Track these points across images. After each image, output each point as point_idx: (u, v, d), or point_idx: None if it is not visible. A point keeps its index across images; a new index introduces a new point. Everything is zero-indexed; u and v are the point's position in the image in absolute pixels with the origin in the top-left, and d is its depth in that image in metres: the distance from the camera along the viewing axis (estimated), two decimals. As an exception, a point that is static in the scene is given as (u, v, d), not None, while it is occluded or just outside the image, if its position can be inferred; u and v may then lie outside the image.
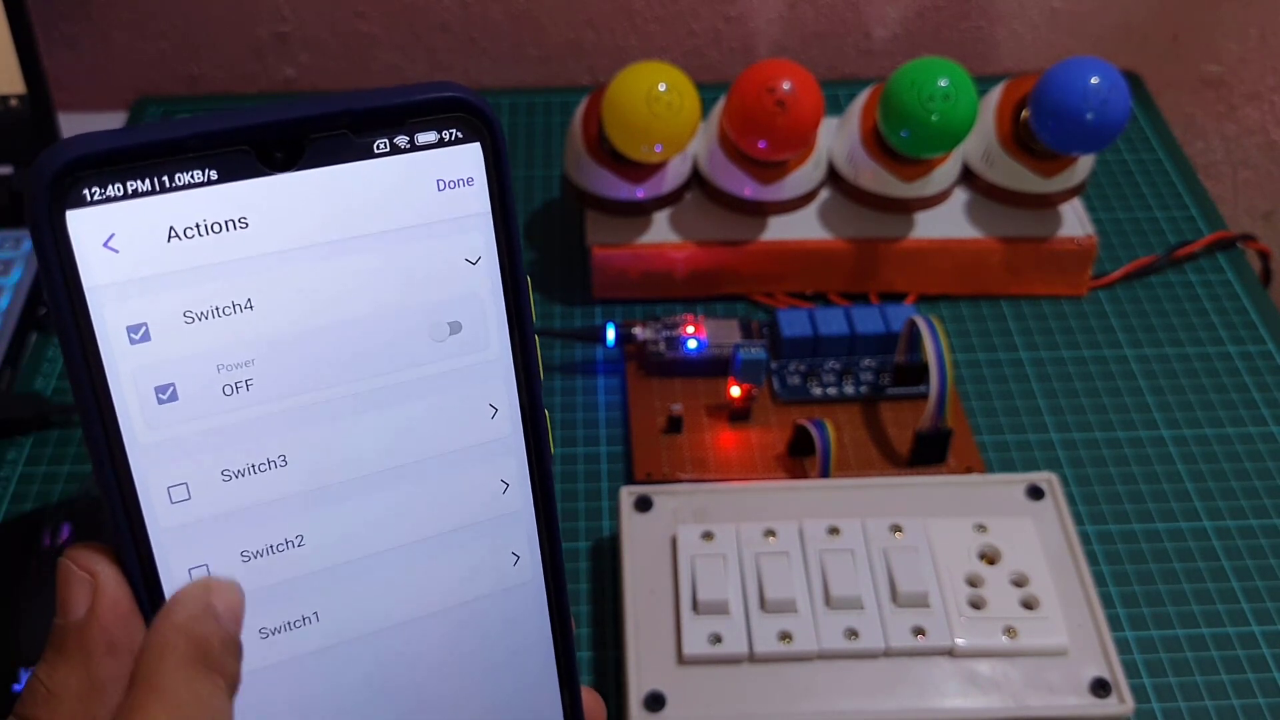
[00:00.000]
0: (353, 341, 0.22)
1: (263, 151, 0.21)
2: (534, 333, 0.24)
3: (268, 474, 0.22)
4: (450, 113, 0.22)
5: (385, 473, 0.23)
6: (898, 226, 0.57)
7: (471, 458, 0.24)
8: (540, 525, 0.25)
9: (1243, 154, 0.78)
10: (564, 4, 0.70)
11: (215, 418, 0.22)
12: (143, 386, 0.21)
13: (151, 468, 0.21)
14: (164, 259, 0.20)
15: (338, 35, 0.71)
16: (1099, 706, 0.40)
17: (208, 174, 0.20)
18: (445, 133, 0.22)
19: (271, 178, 0.21)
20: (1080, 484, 0.50)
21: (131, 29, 0.71)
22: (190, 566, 0.22)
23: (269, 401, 0.22)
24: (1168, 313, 0.57)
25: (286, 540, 0.23)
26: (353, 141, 0.21)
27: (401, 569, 0.24)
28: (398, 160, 0.22)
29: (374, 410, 0.23)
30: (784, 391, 0.52)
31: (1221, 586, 0.46)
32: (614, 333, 0.53)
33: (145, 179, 0.20)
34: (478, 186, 0.22)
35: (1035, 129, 0.53)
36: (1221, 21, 0.73)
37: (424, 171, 0.22)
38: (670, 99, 0.51)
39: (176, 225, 0.20)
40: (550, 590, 0.26)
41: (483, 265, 0.23)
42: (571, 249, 0.60)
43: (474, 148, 0.22)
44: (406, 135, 0.22)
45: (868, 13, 0.72)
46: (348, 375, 0.22)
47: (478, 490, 0.25)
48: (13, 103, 0.59)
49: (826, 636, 0.41)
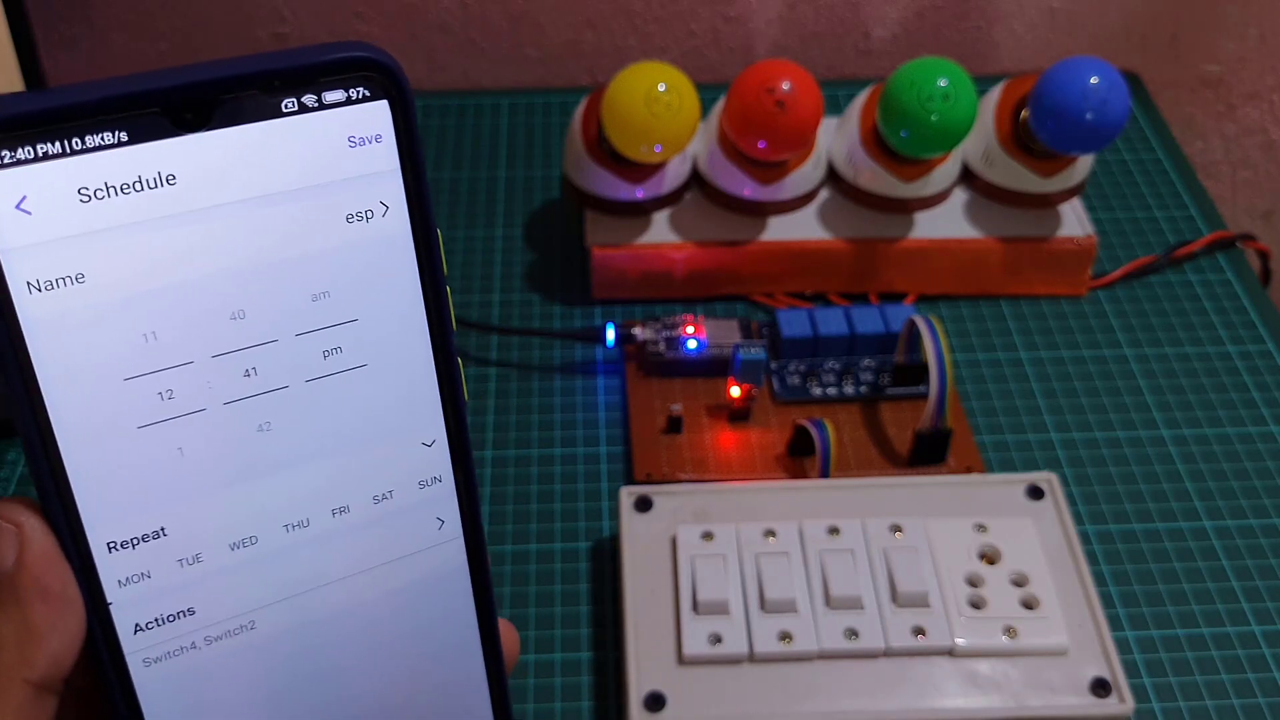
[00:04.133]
0: (268, 296, 0.23)
1: (173, 113, 0.21)
2: (445, 283, 0.24)
3: (186, 427, 0.23)
4: (358, 71, 0.22)
5: (301, 437, 0.24)
6: (897, 226, 0.57)
7: (390, 419, 0.25)
8: (458, 483, 0.26)
9: (1242, 154, 0.78)
10: (563, 4, 0.70)
11: (131, 372, 0.22)
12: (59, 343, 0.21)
13: (69, 419, 0.22)
14: (78, 220, 0.21)
15: (337, 36, 0.71)
16: (1099, 706, 0.40)
17: (119, 135, 0.20)
18: (353, 91, 0.22)
19: (182, 138, 0.21)
20: (1080, 484, 0.50)
21: (131, 30, 0.71)
22: (110, 512, 0.23)
23: (184, 358, 0.22)
24: (1167, 313, 0.57)
25: (206, 498, 0.23)
26: (262, 101, 0.21)
27: (322, 539, 0.25)
28: (307, 118, 0.22)
29: (286, 368, 0.23)
30: (784, 391, 0.52)
31: (1221, 586, 0.46)
32: (614, 333, 0.53)
33: (56, 142, 0.20)
34: (386, 143, 0.23)
35: (1035, 129, 0.53)
36: (1220, 21, 0.73)
37: (334, 129, 0.22)
38: (669, 99, 0.51)
39: (89, 186, 0.20)
40: (469, 541, 0.26)
41: (393, 218, 0.23)
42: (571, 249, 0.60)
43: (381, 105, 0.22)
44: (315, 94, 0.22)
45: (867, 13, 0.72)
46: (264, 331, 0.23)
47: (398, 454, 0.25)
48: (12, 103, 0.59)
49: (826, 636, 0.41)
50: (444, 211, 0.62)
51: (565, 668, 0.44)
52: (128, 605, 0.23)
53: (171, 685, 0.24)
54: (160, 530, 0.23)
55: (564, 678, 0.43)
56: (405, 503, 0.25)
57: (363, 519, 0.25)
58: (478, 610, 0.27)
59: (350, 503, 0.25)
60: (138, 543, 0.23)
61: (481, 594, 0.27)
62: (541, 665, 0.44)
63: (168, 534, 0.23)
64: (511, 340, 0.56)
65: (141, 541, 0.23)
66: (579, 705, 0.43)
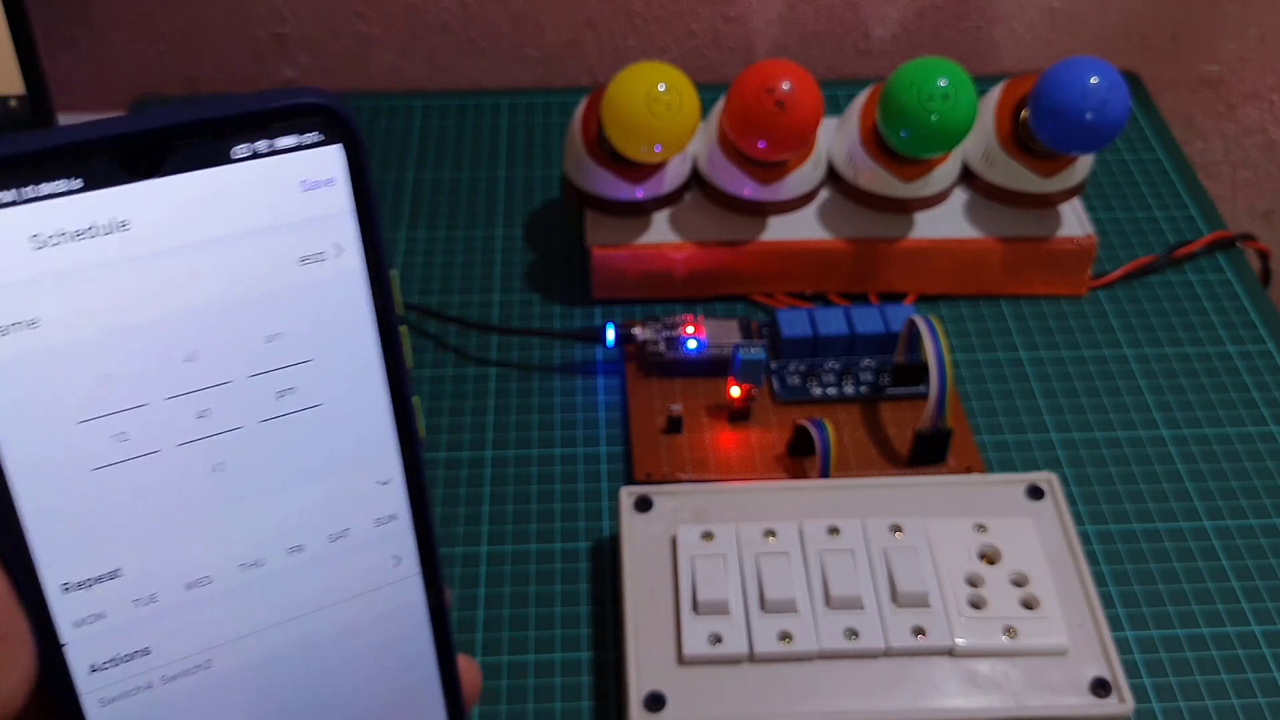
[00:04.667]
0: (222, 338, 0.23)
1: (126, 160, 0.21)
2: (399, 323, 0.25)
3: (140, 468, 0.23)
4: (310, 117, 0.22)
5: (256, 477, 0.24)
6: (897, 226, 0.57)
7: (345, 458, 0.25)
8: (415, 520, 0.26)
9: (1242, 154, 0.78)
10: (563, 5, 0.70)
11: (85, 415, 0.22)
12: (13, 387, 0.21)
13: (22, 462, 0.22)
14: (31, 266, 0.21)
15: (337, 36, 0.71)
16: (1099, 706, 0.40)
17: (71, 183, 0.21)
18: (305, 136, 0.22)
19: (136, 185, 0.21)
20: (1080, 484, 0.50)
21: (131, 30, 0.71)
22: (64, 554, 0.23)
23: (138, 401, 0.22)
24: (1167, 313, 0.57)
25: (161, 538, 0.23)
26: (215, 147, 0.22)
27: (277, 578, 0.25)
28: (259, 164, 0.22)
29: (240, 409, 0.23)
30: (784, 391, 0.52)
31: (1221, 586, 0.46)
32: (614, 333, 0.53)
33: (10, 189, 0.20)
34: (339, 186, 0.23)
35: (1035, 129, 0.53)
36: (1220, 21, 0.73)
37: (286, 174, 0.22)
38: (669, 99, 0.51)
39: (42, 233, 0.21)
40: (427, 579, 0.26)
41: (346, 259, 0.24)
42: (571, 249, 0.60)
43: (334, 149, 0.23)
44: (267, 139, 0.22)
45: (867, 13, 0.72)
46: (218, 373, 0.23)
47: (354, 493, 0.25)
48: (12, 104, 0.59)
49: (826, 636, 0.41)
50: (444, 211, 0.62)
51: (565, 668, 0.44)
52: (83, 646, 0.23)
53: None
54: (115, 571, 0.23)
55: (564, 678, 0.43)
56: (361, 541, 0.25)
57: (318, 557, 0.25)
58: (436, 648, 0.27)
59: (305, 541, 0.25)
60: (92, 584, 0.23)
61: (440, 631, 0.27)
62: (541, 665, 0.44)
63: (122, 574, 0.23)
64: (511, 340, 0.56)
65: (96, 582, 0.23)
66: (579, 705, 0.43)
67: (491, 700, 0.43)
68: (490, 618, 0.45)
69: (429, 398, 0.53)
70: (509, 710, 0.42)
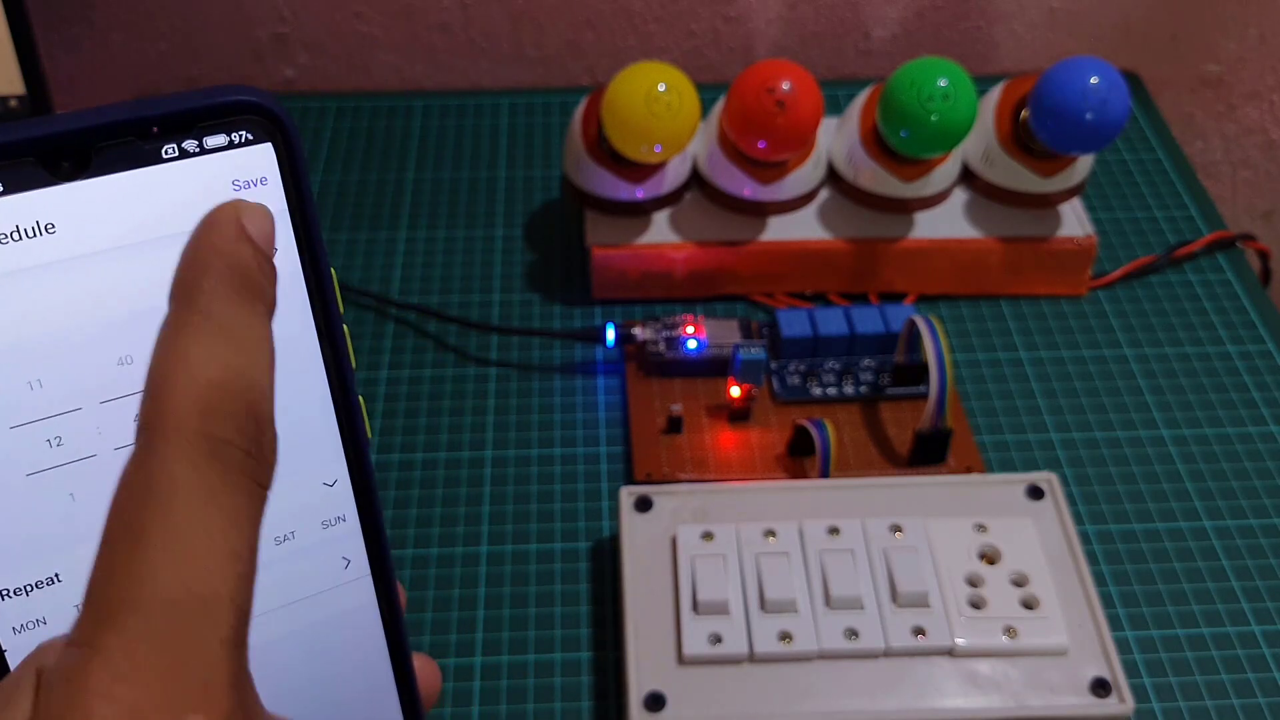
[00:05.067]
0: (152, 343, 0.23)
1: (49, 162, 0.21)
2: (341, 321, 0.24)
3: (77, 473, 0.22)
4: (240, 115, 0.22)
5: None
6: (897, 226, 0.57)
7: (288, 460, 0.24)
8: (364, 521, 0.26)
9: (1242, 154, 0.78)
10: (563, 5, 0.70)
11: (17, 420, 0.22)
12: None
13: None
14: None
15: (337, 36, 0.71)
16: (1099, 706, 0.40)
17: None
18: (235, 135, 0.22)
19: (59, 187, 0.21)
20: (1080, 484, 0.50)
21: (131, 30, 0.71)
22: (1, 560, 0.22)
23: (72, 405, 0.22)
24: (1167, 313, 0.57)
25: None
26: (141, 148, 0.21)
27: None
28: (188, 164, 0.22)
29: None
30: (784, 391, 0.52)
31: (1221, 586, 0.46)
32: (614, 333, 0.53)
33: None
34: (272, 185, 0.23)
35: (1035, 129, 0.53)
36: (1220, 21, 0.73)
37: (216, 174, 0.22)
38: (669, 99, 0.51)
39: None
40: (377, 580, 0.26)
41: (281, 259, 0.23)
42: (571, 249, 0.60)
43: (265, 148, 0.22)
44: (195, 139, 0.22)
45: (867, 13, 0.72)
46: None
47: (299, 495, 0.25)
48: (13, 104, 0.59)
49: (826, 636, 0.41)
50: (444, 211, 0.62)
51: (565, 668, 0.44)
52: (23, 651, 0.22)
53: None
54: (54, 577, 0.23)
55: (564, 678, 0.43)
56: (308, 543, 0.25)
57: (264, 560, 0.24)
58: (390, 649, 0.27)
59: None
60: (31, 589, 0.23)
61: (393, 632, 0.27)
62: (541, 665, 0.44)
63: (61, 580, 0.23)
64: (511, 340, 0.56)
65: (35, 588, 0.23)
66: (579, 705, 0.43)
67: (491, 700, 0.43)
68: (490, 618, 0.45)
69: (429, 398, 0.53)
70: (509, 710, 0.42)
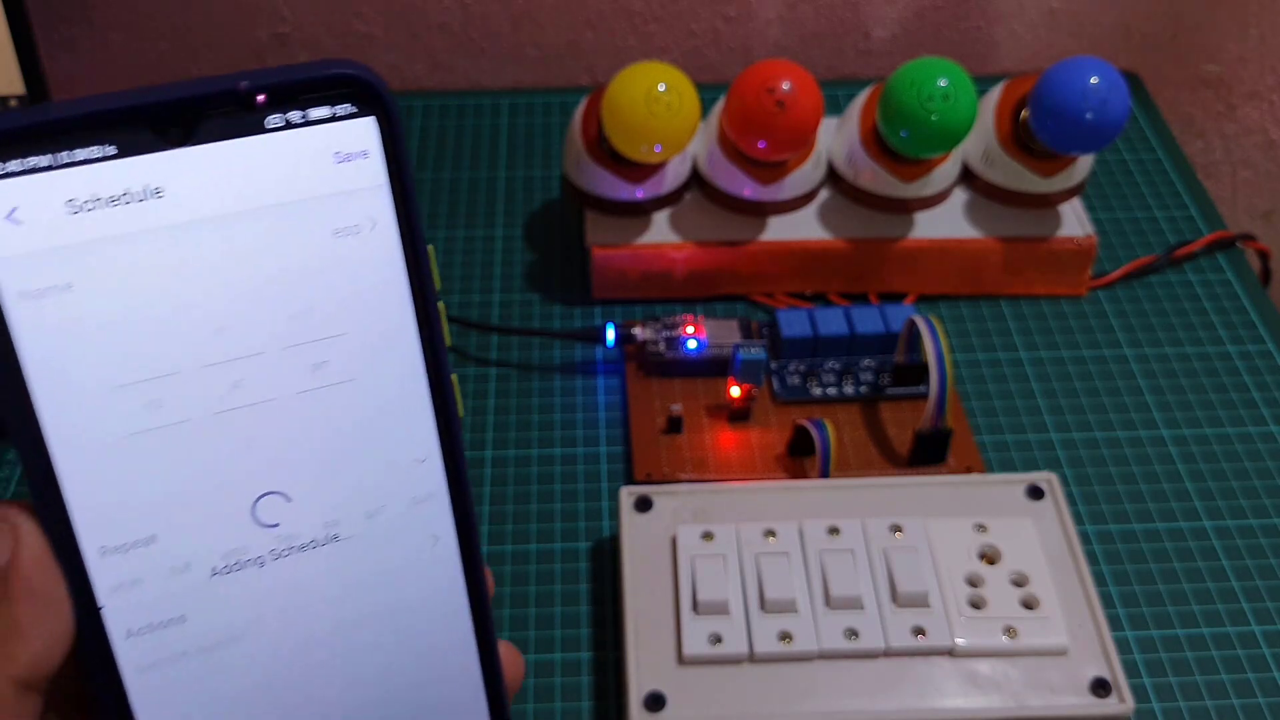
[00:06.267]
0: (256, 309, 0.23)
1: (159, 127, 0.21)
2: (436, 299, 0.24)
3: (174, 435, 0.23)
4: (343, 88, 0.22)
5: (290, 450, 0.24)
6: (897, 226, 0.57)
7: (380, 434, 0.25)
8: (453, 500, 0.26)
9: (1242, 154, 0.78)
10: (564, 4, 0.70)
11: (120, 380, 0.22)
12: (49, 351, 0.22)
13: (59, 426, 0.22)
14: (67, 231, 0.21)
15: (337, 36, 0.71)
16: (1099, 706, 0.40)
17: (105, 150, 0.21)
18: (339, 108, 0.22)
19: (168, 153, 0.21)
20: (1080, 484, 0.50)
21: (130, 30, 0.71)
22: (101, 517, 0.23)
23: (171, 368, 0.22)
24: (1167, 313, 0.57)
25: (194, 507, 0.23)
26: (246, 117, 0.22)
27: (312, 553, 0.25)
28: (292, 134, 0.22)
29: (274, 381, 0.23)
30: (784, 391, 0.52)
31: (1221, 586, 0.46)
32: (614, 333, 0.53)
33: (46, 155, 0.21)
34: (373, 159, 0.23)
35: (1035, 129, 0.53)
36: (1221, 21, 0.73)
37: (319, 145, 0.22)
38: (669, 99, 0.51)
39: (78, 198, 0.21)
40: (465, 560, 0.26)
41: (381, 233, 0.23)
42: (571, 249, 0.60)
43: (368, 122, 0.23)
44: (300, 110, 0.22)
45: (867, 13, 0.72)
46: (252, 343, 0.23)
47: (390, 470, 0.25)
48: (12, 104, 0.59)
49: (826, 636, 0.41)
50: (444, 211, 0.62)
51: (565, 668, 0.44)
52: (120, 610, 0.23)
53: (162, 692, 0.24)
54: (151, 537, 0.23)
55: (564, 678, 0.43)
56: (398, 519, 0.25)
57: (354, 534, 0.25)
58: (475, 628, 0.27)
59: (341, 517, 0.25)
60: (128, 549, 0.23)
61: (480, 614, 0.27)
62: (541, 665, 0.44)
63: (158, 541, 0.23)
64: (511, 340, 0.56)
65: (132, 548, 0.23)
66: (579, 705, 0.43)
67: (491, 700, 0.43)
68: (490, 618, 0.45)
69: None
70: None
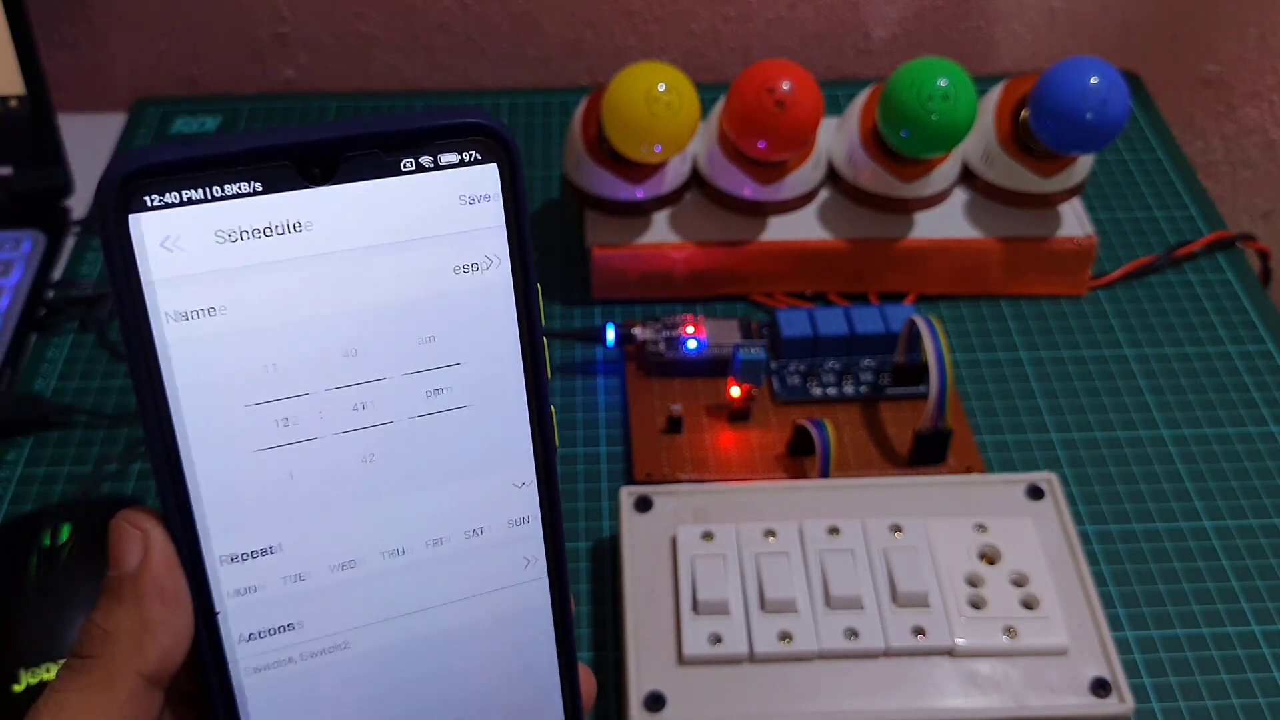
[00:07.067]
0: (382, 337, 0.25)
1: (302, 166, 0.23)
2: (543, 334, 0.26)
3: (299, 453, 0.24)
4: (471, 135, 0.24)
5: (404, 471, 0.26)
6: (897, 226, 0.57)
7: (486, 459, 0.26)
8: (546, 525, 0.27)
9: (1242, 154, 0.78)
10: (564, 5, 0.70)
11: (254, 399, 0.24)
12: (192, 368, 0.23)
13: (194, 439, 0.24)
14: (215, 259, 0.23)
15: (337, 36, 0.71)
16: (1099, 706, 0.40)
17: (253, 185, 0.23)
18: (466, 154, 0.24)
19: (310, 190, 0.23)
20: (1080, 484, 0.50)
21: (130, 30, 0.71)
22: (228, 526, 0.24)
23: (302, 390, 0.24)
24: (1167, 312, 0.57)
25: (313, 521, 0.25)
26: (383, 160, 0.24)
27: (417, 567, 0.26)
28: (423, 177, 0.24)
29: (394, 405, 0.25)
30: (784, 391, 0.52)
31: (1221, 586, 0.46)
32: (614, 333, 0.53)
33: (199, 188, 0.22)
34: (495, 203, 0.25)
35: (1034, 129, 0.53)
36: (1220, 21, 0.73)
37: (447, 188, 0.24)
38: (669, 99, 0.51)
39: (226, 229, 0.23)
40: (554, 583, 0.28)
41: (498, 270, 0.25)
42: (571, 249, 0.60)
43: (491, 168, 0.25)
44: (431, 155, 0.24)
45: (867, 13, 0.72)
46: (376, 369, 0.25)
47: (492, 493, 0.26)
48: (12, 104, 0.59)
49: (826, 636, 0.41)
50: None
51: (565, 668, 0.44)
52: (238, 615, 0.25)
53: (271, 695, 0.25)
54: (272, 547, 0.25)
55: (564, 678, 0.43)
56: (496, 540, 0.27)
57: (455, 552, 0.26)
58: (558, 649, 0.28)
59: (445, 535, 0.26)
60: (250, 557, 0.25)
61: (562, 633, 0.28)
62: (541, 665, 0.44)
63: (279, 552, 0.25)
64: (511, 340, 0.55)
65: (254, 556, 0.25)
66: (579, 705, 0.43)
67: (491, 700, 0.43)
68: (490, 618, 0.45)
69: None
70: (509, 710, 0.42)
